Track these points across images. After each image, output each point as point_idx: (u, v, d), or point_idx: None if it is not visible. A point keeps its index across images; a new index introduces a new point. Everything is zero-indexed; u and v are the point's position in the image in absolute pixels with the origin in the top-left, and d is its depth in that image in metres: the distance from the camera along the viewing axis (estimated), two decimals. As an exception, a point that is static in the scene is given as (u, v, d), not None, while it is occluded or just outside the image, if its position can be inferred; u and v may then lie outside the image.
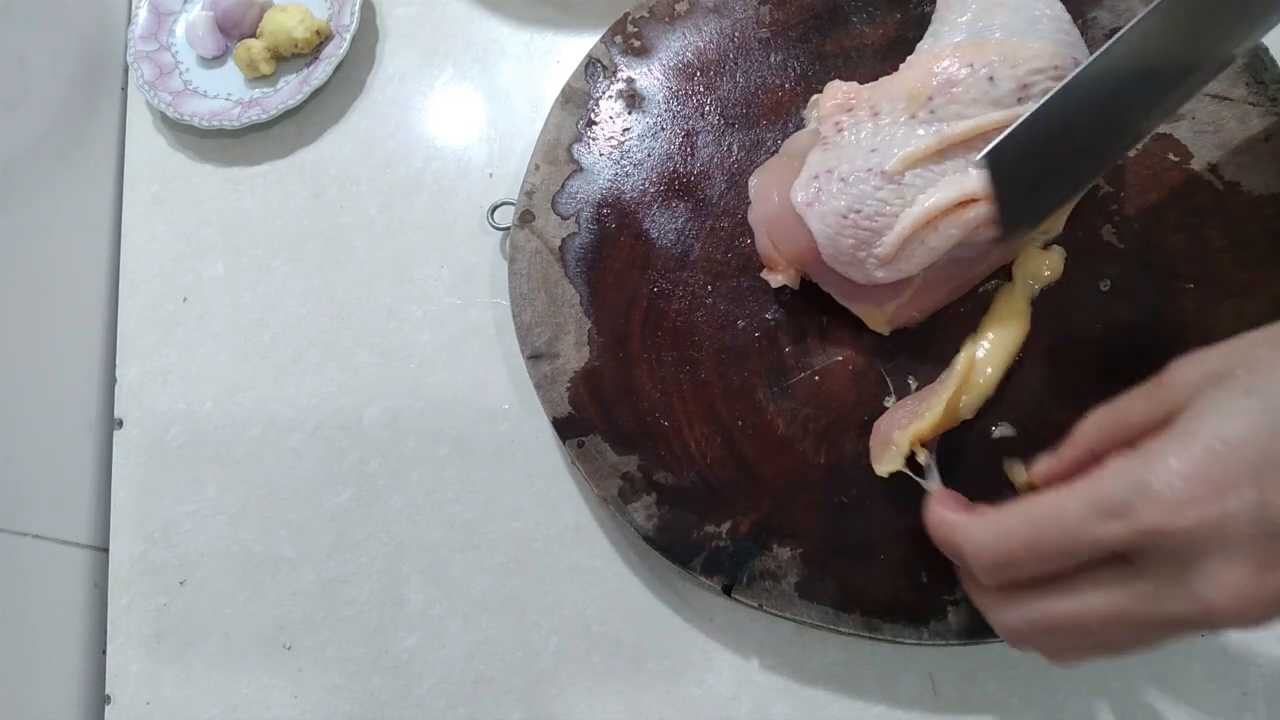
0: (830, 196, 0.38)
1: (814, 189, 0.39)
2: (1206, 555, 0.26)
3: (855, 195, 0.38)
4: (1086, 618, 0.28)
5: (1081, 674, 0.40)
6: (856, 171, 0.38)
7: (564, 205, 0.46)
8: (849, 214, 0.38)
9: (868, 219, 0.38)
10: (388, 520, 0.47)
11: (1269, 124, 0.41)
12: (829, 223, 0.39)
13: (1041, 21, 0.39)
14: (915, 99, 0.38)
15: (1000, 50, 0.37)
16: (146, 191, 0.56)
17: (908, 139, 0.38)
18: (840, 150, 0.39)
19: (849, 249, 0.39)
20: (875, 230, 0.38)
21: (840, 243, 0.39)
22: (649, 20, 0.49)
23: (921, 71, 0.38)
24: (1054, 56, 0.37)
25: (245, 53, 0.55)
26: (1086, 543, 0.28)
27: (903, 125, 0.38)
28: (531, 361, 0.44)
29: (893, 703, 0.41)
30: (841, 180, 0.38)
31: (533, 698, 0.43)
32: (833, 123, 0.40)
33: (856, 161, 0.38)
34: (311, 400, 0.49)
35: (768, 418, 0.42)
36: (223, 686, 0.46)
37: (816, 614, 0.39)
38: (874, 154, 0.38)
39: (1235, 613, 0.26)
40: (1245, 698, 0.39)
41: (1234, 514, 0.25)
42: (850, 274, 0.40)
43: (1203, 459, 0.26)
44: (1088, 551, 0.28)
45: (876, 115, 0.39)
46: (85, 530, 0.50)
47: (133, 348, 0.53)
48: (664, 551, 0.41)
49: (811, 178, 0.39)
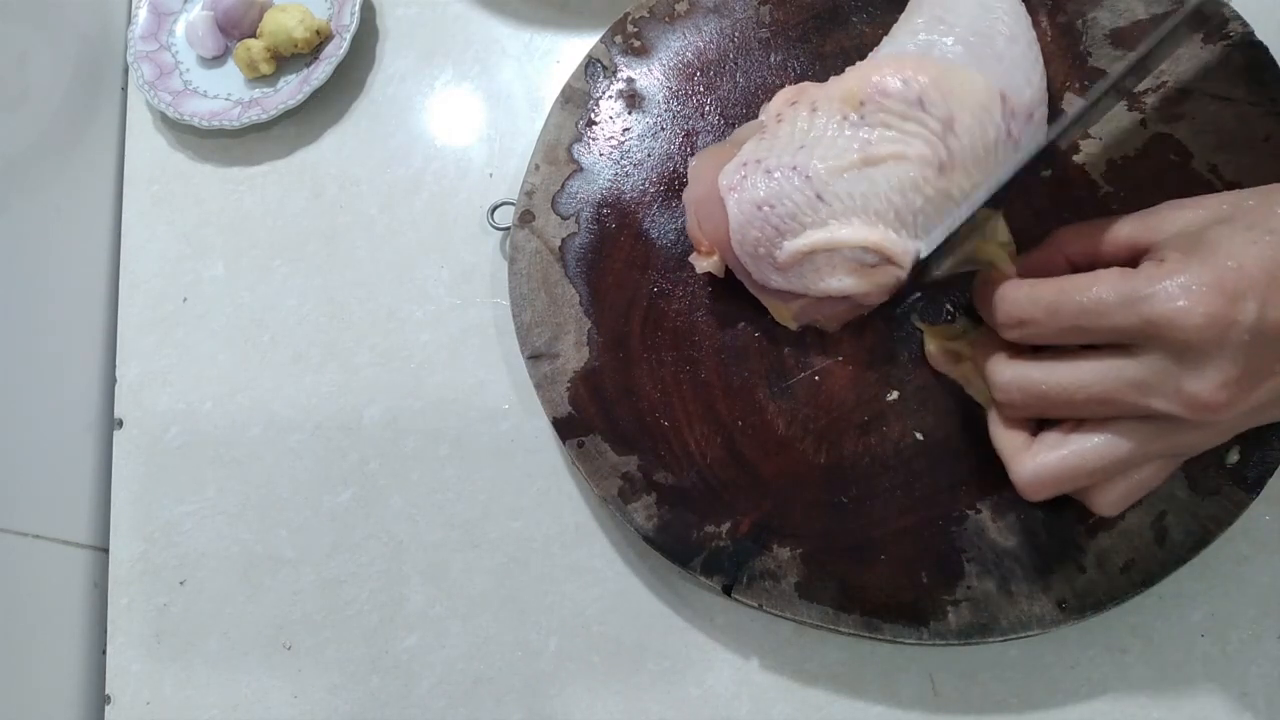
0: (752, 185, 0.39)
1: (740, 175, 0.39)
2: (1201, 355, 0.29)
3: (774, 190, 0.38)
4: (1075, 392, 0.32)
5: (1081, 674, 0.40)
6: (783, 167, 0.38)
7: (564, 205, 0.46)
8: (763, 206, 0.38)
9: (779, 218, 0.38)
10: (388, 520, 0.47)
11: (1269, 124, 0.41)
12: (744, 210, 0.39)
13: (996, 40, 0.39)
14: (849, 101, 0.38)
15: (936, 75, 0.37)
16: (146, 191, 0.56)
17: (835, 140, 0.38)
18: (774, 142, 0.39)
19: (753, 241, 0.39)
20: (780, 232, 0.38)
21: (748, 233, 0.39)
22: (649, 20, 0.49)
23: (861, 76, 0.39)
24: (985, 92, 0.37)
25: (245, 53, 0.55)
26: (1103, 322, 0.31)
27: (834, 125, 0.38)
28: (531, 361, 0.44)
29: (893, 703, 0.41)
30: (767, 172, 0.39)
31: (533, 698, 0.43)
32: (775, 114, 0.41)
33: (785, 156, 0.39)
34: (311, 400, 0.49)
35: (768, 418, 0.42)
36: (223, 686, 0.46)
37: (816, 614, 0.39)
38: (802, 150, 0.38)
39: (1211, 412, 0.30)
40: (1245, 698, 0.39)
41: (1236, 321, 0.29)
42: (749, 267, 0.40)
43: (1218, 272, 0.29)
44: (1100, 331, 0.31)
45: (814, 112, 0.39)
46: (85, 530, 0.50)
47: (133, 348, 0.53)
48: (664, 551, 0.41)
49: (741, 164, 0.40)
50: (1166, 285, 0.30)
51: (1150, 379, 0.30)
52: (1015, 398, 0.34)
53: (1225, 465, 0.38)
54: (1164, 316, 0.29)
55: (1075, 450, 0.33)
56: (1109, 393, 0.31)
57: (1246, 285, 0.29)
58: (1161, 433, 0.32)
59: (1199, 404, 0.30)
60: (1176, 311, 0.29)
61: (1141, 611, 0.40)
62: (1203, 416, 0.30)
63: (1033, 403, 0.34)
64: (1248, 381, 0.30)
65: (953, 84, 0.37)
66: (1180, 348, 0.30)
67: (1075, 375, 0.32)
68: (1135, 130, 0.43)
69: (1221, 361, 0.29)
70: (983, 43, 0.38)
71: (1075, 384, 0.32)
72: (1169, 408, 0.30)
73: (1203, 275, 0.29)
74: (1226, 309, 0.29)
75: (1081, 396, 0.32)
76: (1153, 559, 0.37)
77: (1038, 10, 0.43)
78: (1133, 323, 0.30)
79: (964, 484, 0.39)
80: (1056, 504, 0.38)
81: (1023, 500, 0.38)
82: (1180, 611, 0.40)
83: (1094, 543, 0.38)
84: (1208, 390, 0.29)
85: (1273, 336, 0.29)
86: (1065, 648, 0.40)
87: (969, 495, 0.39)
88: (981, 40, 0.39)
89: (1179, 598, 0.40)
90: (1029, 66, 0.39)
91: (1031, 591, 0.38)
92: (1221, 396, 0.29)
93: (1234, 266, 0.29)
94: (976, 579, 0.38)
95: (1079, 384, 0.32)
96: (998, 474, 0.39)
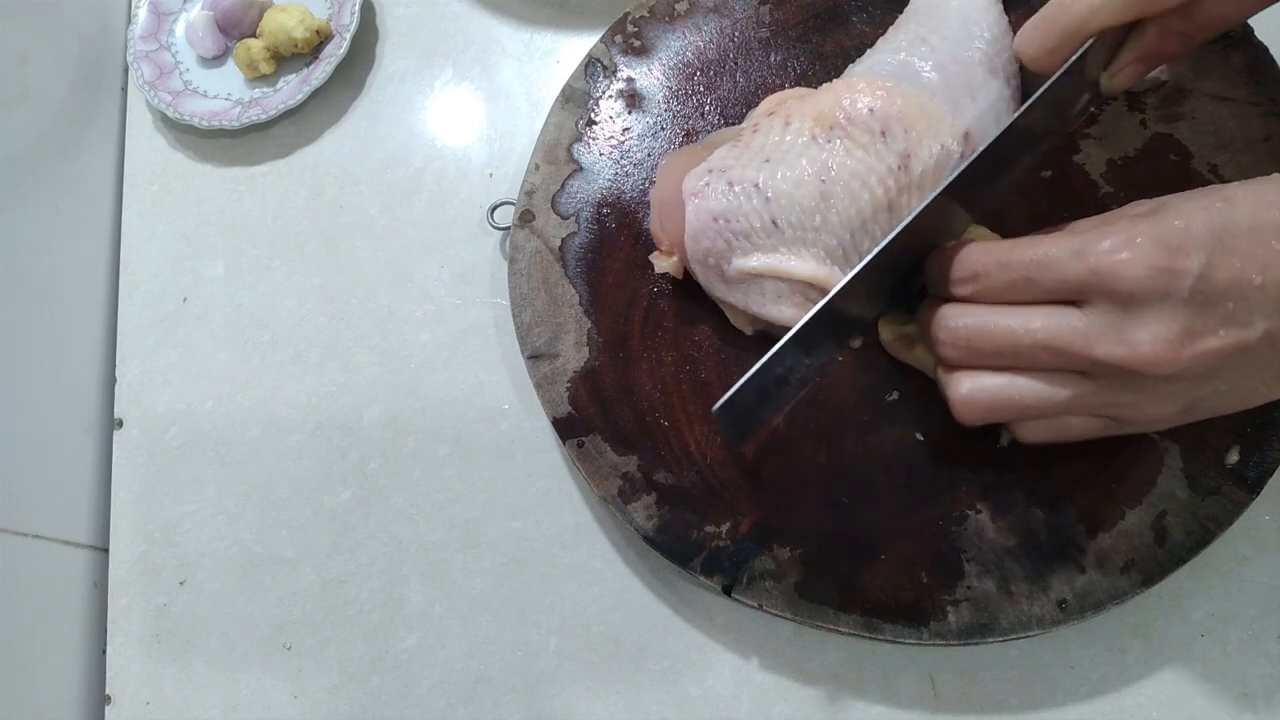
0: (712, 194, 0.39)
1: (703, 181, 0.39)
2: (1144, 306, 0.30)
3: (732, 204, 0.38)
4: (1020, 338, 0.32)
5: (1081, 674, 0.40)
6: (745, 181, 0.38)
7: (564, 205, 0.46)
8: (719, 219, 0.39)
9: (732, 233, 0.39)
10: (388, 520, 0.47)
11: (1269, 124, 0.41)
12: (700, 218, 0.39)
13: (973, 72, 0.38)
14: (820, 121, 0.38)
15: (904, 106, 0.37)
16: (146, 191, 0.56)
17: (799, 159, 0.38)
18: (743, 152, 0.40)
19: (704, 250, 0.39)
20: (731, 247, 0.39)
21: (701, 241, 0.39)
22: (649, 20, 0.49)
23: (834, 96, 0.39)
24: (949, 132, 0.37)
25: (245, 53, 0.55)
26: (1052, 273, 0.32)
27: (802, 143, 0.38)
28: (531, 361, 0.44)
29: (893, 703, 0.41)
30: (729, 184, 0.39)
31: (533, 698, 0.43)
32: (753, 123, 0.41)
33: (749, 169, 0.39)
34: (311, 400, 0.49)
35: (768, 418, 0.42)
36: (223, 686, 0.46)
37: (816, 614, 0.39)
38: (767, 164, 0.38)
39: (1151, 363, 0.30)
40: (1245, 698, 0.39)
41: (1179, 273, 0.30)
42: (696, 273, 0.40)
43: (1164, 229, 0.30)
44: (1048, 284, 0.32)
45: (787, 125, 0.39)
46: (85, 530, 0.50)
47: (133, 348, 0.53)
48: (664, 551, 0.41)
49: (706, 170, 0.40)
50: (1113, 239, 0.31)
51: (1095, 328, 0.31)
52: (961, 345, 0.34)
53: (1225, 465, 0.38)
54: (1109, 267, 0.30)
55: (1014, 383, 0.33)
56: (1054, 338, 0.32)
57: (1192, 243, 0.30)
58: (1100, 389, 0.33)
59: (1140, 354, 0.30)
60: (1120, 263, 0.30)
61: (1141, 611, 0.40)
62: (1143, 367, 0.31)
63: (978, 348, 0.34)
64: (1189, 338, 0.30)
65: (918, 119, 0.37)
66: (1124, 299, 0.31)
67: (1024, 319, 0.33)
68: (1135, 130, 0.43)
69: (1163, 313, 0.30)
70: (961, 73, 0.38)
71: (1023, 327, 0.32)
72: (1111, 353, 0.31)
73: (1149, 231, 0.31)
74: (1169, 261, 0.30)
75: (1027, 341, 0.32)
76: (1153, 559, 0.37)
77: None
78: (1080, 273, 0.31)
79: (964, 484, 0.40)
80: (1056, 504, 0.39)
81: (1023, 500, 0.38)
82: (1180, 611, 0.40)
83: (1094, 543, 0.38)
84: (1148, 339, 0.30)
85: (1215, 295, 0.30)
86: (1065, 648, 0.40)
87: (969, 495, 0.39)
88: (960, 70, 0.38)
89: (1179, 598, 0.40)
90: (1001, 108, 0.38)
91: (1031, 591, 0.38)
92: (1162, 348, 0.30)
93: (1181, 226, 0.30)
94: (976, 579, 0.38)
95: (1026, 327, 0.32)
96: (998, 474, 0.39)
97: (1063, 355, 0.32)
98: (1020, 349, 0.33)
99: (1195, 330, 0.30)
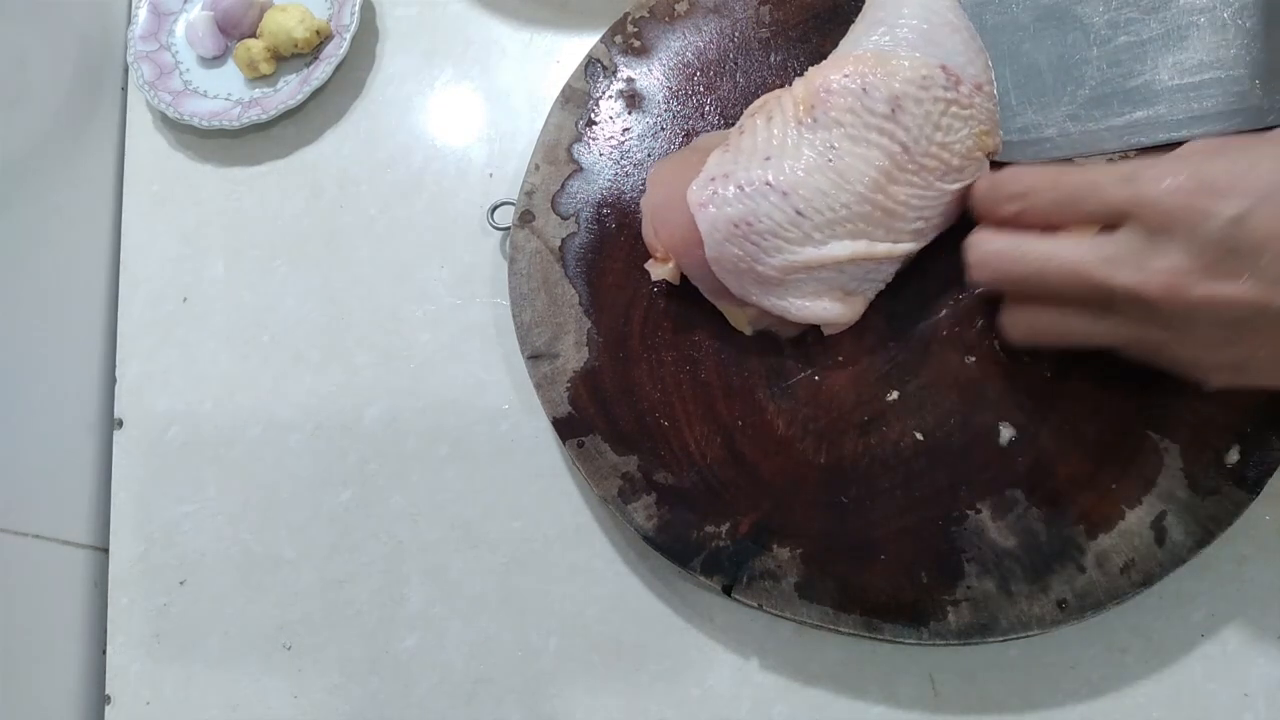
0: (725, 202, 0.38)
1: (710, 190, 0.39)
2: (1170, 238, 0.31)
3: (749, 207, 0.38)
4: (1047, 260, 0.33)
5: (1081, 674, 0.40)
6: (755, 182, 0.38)
7: (564, 205, 0.46)
8: (740, 224, 0.38)
9: (758, 235, 0.38)
10: (388, 520, 0.47)
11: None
12: (720, 228, 0.39)
13: (936, 32, 0.39)
14: (802, 106, 0.39)
15: (873, 62, 0.38)
16: (146, 191, 0.56)
17: (798, 146, 0.38)
18: (738, 154, 0.39)
19: (732, 259, 0.39)
20: (762, 249, 0.38)
21: (727, 250, 0.39)
22: (649, 20, 0.49)
23: (807, 81, 0.39)
24: (925, 65, 0.38)
25: (245, 53, 0.55)
26: (1098, 193, 0.33)
27: (793, 132, 0.39)
28: (531, 361, 0.44)
29: (893, 703, 0.41)
30: (738, 188, 0.38)
31: (533, 698, 0.43)
32: (739, 126, 0.41)
33: (753, 170, 0.38)
34: (311, 400, 0.49)
35: (768, 418, 0.42)
36: (223, 686, 0.46)
37: (816, 614, 0.39)
38: (769, 161, 0.38)
39: (1159, 294, 0.31)
40: (1245, 698, 0.39)
41: (1212, 213, 0.30)
42: (727, 281, 0.40)
43: (1216, 169, 0.31)
44: (1092, 205, 0.33)
45: (770, 120, 0.39)
46: (85, 530, 0.50)
47: (133, 348, 0.53)
48: (664, 551, 0.41)
49: (709, 179, 0.39)
50: (1161, 168, 0.31)
51: (1120, 253, 0.32)
52: (990, 268, 0.36)
53: (1225, 465, 0.38)
54: (1148, 192, 0.31)
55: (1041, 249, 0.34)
56: (1080, 264, 0.33)
57: (1238, 187, 0.30)
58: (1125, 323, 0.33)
59: (1150, 282, 0.31)
60: (1160, 191, 0.31)
61: (1141, 611, 0.40)
62: (1152, 295, 0.31)
63: (1006, 272, 0.35)
64: (1204, 276, 0.30)
65: (895, 69, 0.38)
66: (1154, 227, 0.31)
67: (1053, 246, 0.34)
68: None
69: (1186, 248, 0.30)
70: (921, 36, 0.39)
71: (1050, 252, 0.33)
72: (1128, 279, 0.31)
73: (1200, 167, 0.31)
74: (1205, 199, 0.30)
75: (1053, 266, 0.33)
76: (1153, 559, 0.37)
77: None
78: (1122, 196, 0.32)
79: (964, 484, 0.39)
80: (1056, 504, 0.39)
81: (1022, 500, 0.38)
82: (1180, 611, 0.40)
83: (1094, 543, 0.38)
84: (1164, 268, 0.31)
85: (1250, 245, 0.30)
86: (1065, 648, 0.40)
87: (969, 495, 0.39)
88: (920, 35, 0.39)
89: (1179, 598, 0.40)
90: (972, 50, 0.39)
91: (1031, 591, 0.38)
92: (1171, 279, 0.31)
93: (1233, 169, 0.30)
94: (976, 579, 0.38)
95: (1053, 252, 0.33)
96: (998, 474, 0.39)
97: (1085, 287, 0.33)
98: (1045, 275, 0.34)
99: (1213, 271, 0.30)
